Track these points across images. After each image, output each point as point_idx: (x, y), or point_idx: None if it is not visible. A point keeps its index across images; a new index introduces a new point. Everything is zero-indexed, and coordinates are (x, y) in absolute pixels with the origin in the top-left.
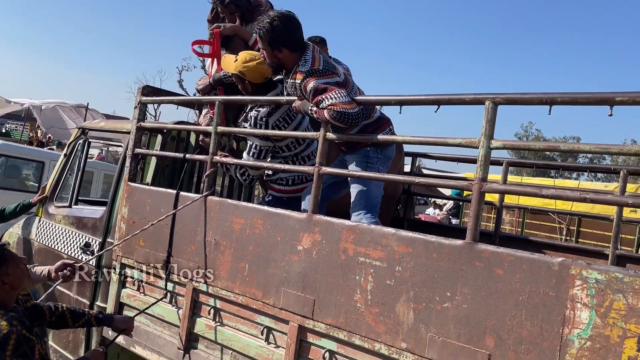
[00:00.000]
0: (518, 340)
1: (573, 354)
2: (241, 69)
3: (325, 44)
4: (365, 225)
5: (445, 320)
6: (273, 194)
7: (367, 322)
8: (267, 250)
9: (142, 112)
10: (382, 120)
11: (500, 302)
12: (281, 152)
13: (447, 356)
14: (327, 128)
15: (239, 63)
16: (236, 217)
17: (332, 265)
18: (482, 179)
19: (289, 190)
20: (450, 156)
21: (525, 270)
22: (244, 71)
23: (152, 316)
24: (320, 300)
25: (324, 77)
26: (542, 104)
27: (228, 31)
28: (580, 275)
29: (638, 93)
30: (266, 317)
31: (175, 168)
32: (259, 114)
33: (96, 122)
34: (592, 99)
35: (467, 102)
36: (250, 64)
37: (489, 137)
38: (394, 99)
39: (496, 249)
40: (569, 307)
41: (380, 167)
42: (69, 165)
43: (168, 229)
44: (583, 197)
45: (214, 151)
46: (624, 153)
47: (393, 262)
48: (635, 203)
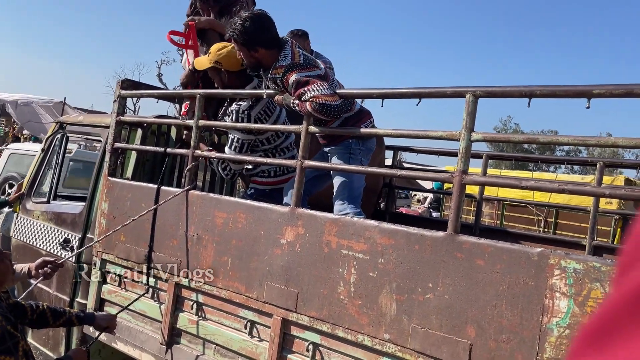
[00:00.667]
0: (499, 330)
1: (552, 342)
2: (216, 58)
3: (308, 37)
4: (348, 218)
5: (427, 310)
6: (255, 186)
7: (350, 314)
8: (250, 244)
9: (122, 105)
10: (363, 112)
11: (481, 293)
12: (261, 145)
13: (429, 346)
14: (310, 121)
15: (212, 54)
16: (218, 211)
17: (315, 258)
18: (462, 171)
19: (271, 182)
20: (432, 149)
21: (506, 261)
22: (219, 60)
23: (134, 312)
24: (303, 293)
25: (306, 70)
26: (521, 96)
27: (203, 24)
28: (559, 265)
29: (615, 86)
30: (249, 311)
31: (155, 162)
32: (241, 107)
33: (74, 116)
34: (570, 92)
35: (448, 95)
36: (223, 51)
37: (470, 130)
38: (376, 92)
39: (477, 240)
40: (548, 296)
41: (363, 158)
42: (46, 160)
43: (149, 224)
44: (562, 188)
45: (195, 145)
46: (601, 145)
47: (376, 254)
48: (612, 194)
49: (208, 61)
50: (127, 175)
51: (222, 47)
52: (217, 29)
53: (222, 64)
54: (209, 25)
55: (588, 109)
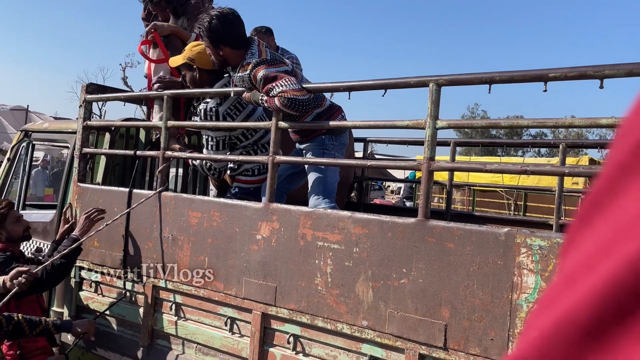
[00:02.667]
0: (471, 309)
1: (522, 317)
2: (189, 55)
3: (272, 34)
4: (322, 210)
5: (402, 295)
6: (240, 185)
7: (328, 304)
8: (226, 242)
9: (88, 110)
10: (334, 108)
11: (453, 274)
12: (239, 142)
13: (406, 330)
14: (279, 117)
15: (187, 50)
16: (192, 211)
17: (291, 251)
18: (430, 158)
19: (254, 180)
20: (400, 139)
21: (475, 242)
22: (193, 56)
23: (112, 317)
24: (281, 286)
25: (273, 66)
26: (482, 83)
27: (166, 31)
28: (525, 243)
29: (569, 69)
30: (229, 308)
31: (126, 166)
32: (208, 105)
33: (40, 124)
34: (527, 76)
35: (412, 85)
36: (196, 48)
37: (435, 118)
38: (343, 85)
39: (447, 224)
40: (516, 273)
41: (336, 153)
42: (13, 169)
43: (123, 228)
44: (524, 169)
45: (165, 146)
46: (558, 126)
47: (350, 244)
48: (571, 172)
49: (182, 57)
50: (97, 180)
51: (196, 44)
52: (179, 34)
53: (195, 61)
54: (171, 32)
55: (545, 92)
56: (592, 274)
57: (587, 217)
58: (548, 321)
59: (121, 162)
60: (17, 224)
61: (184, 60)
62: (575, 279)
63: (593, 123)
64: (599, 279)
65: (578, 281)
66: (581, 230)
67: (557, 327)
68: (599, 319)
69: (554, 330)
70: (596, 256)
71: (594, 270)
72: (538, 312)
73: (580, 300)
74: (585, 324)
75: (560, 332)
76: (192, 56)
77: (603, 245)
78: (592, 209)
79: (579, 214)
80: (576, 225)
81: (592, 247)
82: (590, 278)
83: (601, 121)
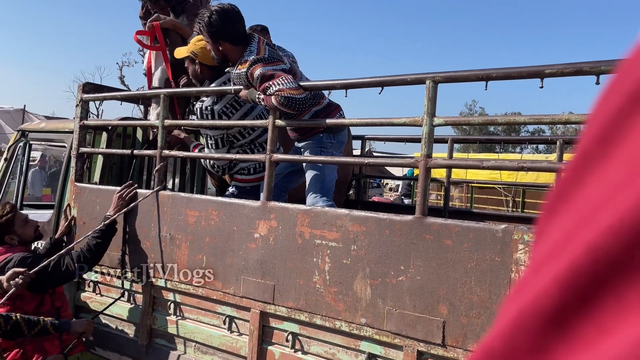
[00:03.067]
0: (469, 306)
1: None
2: (193, 49)
3: (268, 32)
4: (320, 208)
5: (400, 292)
6: (237, 184)
7: (326, 302)
8: (224, 241)
9: (85, 110)
10: (332, 106)
11: (451, 271)
12: (236, 140)
13: (404, 327)
14: (276, 115)
15: (191, 44)
16: (190, 210)
17: (289, 249)
18: (427, 155)
19: (251, 179)
20: (398, 137)
21: (472, 239)
22: (196, 51)
23: (111, 316)
24: (280, 285)
25: (271, 64)
26: (478, 80)
27: (167, 24)
28: (522, 240)
29: (565, 65)
30: (227, 307)
31: (123, 165)
32: (204, 104)
33: (36, 124)
34: (524, 73)
35: (409, 82)
36: (200, 43)
37: (432, 115)
38: (340, 83)
39: (444, 221)
40: (514, 270)
41: (334, 152)
42: (10, 169)
43: (121, 228)
44: (520, 166)
45: (162, 145)
46: (555, 122)
47: (348, 242)
48: None
49: (186, 50)
50: (95, 179)
51: (201, 39)
52: (180, 30)
53: (198, 56)
54: (172, 26)
55: (542, 88)
56: (555, 262)
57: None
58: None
59: (118, 161)
60: (27, 226)
61: (187, 54)
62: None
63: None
64: (561, 267)
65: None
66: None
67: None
68: (561, 306)
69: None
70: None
71: (557, 258)
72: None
73: (543, 288)
74: (548, 312)
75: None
76: (195, 51)
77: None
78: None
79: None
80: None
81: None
82: (553, 266)
83: None
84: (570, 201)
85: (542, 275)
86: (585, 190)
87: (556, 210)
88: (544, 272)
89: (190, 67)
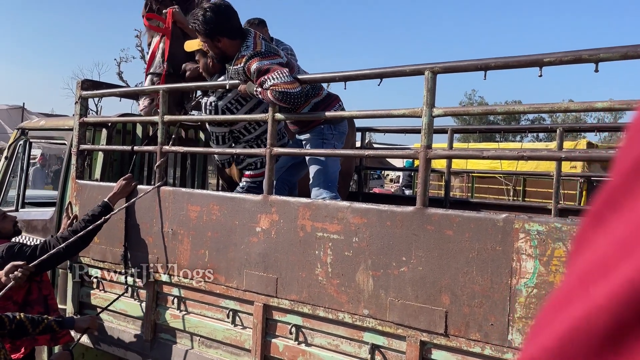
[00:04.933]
0: (471, 295)
1: (522, 302)
2: None
3: (265, 25)
4: (321, 201)
5: (402, 283)
6: (246, 180)
7: (329, 293)
8: (226, 235)
9: (84, 107)
10: (331, 97)
11: (453, 261)
12: (242, 136)
13: (407, 317)
14: (276, 109)
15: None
16: (191, 205)
17: (291, 242)
18: (427, 146)
19: (259, 173)
20: (397, 128)
21: (473, 229)
22: None
23: (114, 312)
24: (282, 278)
25: (267, 58)
26: (477, 69)
27: (181, 18)
28: (523, 229)
29: (564, 53)
30: (231, 300)
31: (123, 161)
32: (209, 99)
33: (36, 122)
34: (522, 62)
35: (408, 73)
36: None
37: (431, 106)
38: (339, 75)
39: (445, 211)
40: (515, 259)
41: (336, 142)
42: (11, 168)
43: (122, 223)
44: (520, 155)
45: (162, 141)
46: (555, 110)
47: (350, 234)
48: (568, 156)
49: (197, 44)
50: (96, 176)
51: None
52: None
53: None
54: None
55: (540, 77)
56: (610, 278)
57: (600, 215)
58: (564, 326)
59: (119, 157)
60: (5, 221)
61: (199, 47)
62: (590, 282)
63: (589, 107)
64: (617, 283)
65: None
66: (594, 228)
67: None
68: (618, 324)
69: (571, 335)
70: (613, 258)
71: (611, 274)
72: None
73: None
74: (604, 330)
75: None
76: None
77: (620, 246)
78: (607, 206)
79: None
80: (589, 223)
81: (607, 247)
82: (608, 281)
83: (597, 105)
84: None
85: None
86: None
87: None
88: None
89: (201, 60)
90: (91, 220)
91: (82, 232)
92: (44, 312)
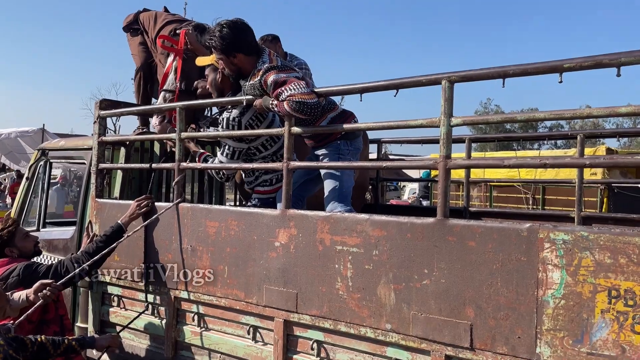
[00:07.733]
0: (496, 307)
1: (549, 314)
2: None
3: (279, 41)
4: (339, 214)
5: (425, 296)
6: (259, 197)
7: (350, 308)
8: (245, 250)
9: (102, 126)
10: (346, 113)
11: (476, 273)
12: (258, 152)
13: (431, 331)
14: (292, 122)
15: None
16: (210, 221)
17: (310, 257)
18: (446, 156)
19: (273, 190)
20: (414, 139)
21: (496, 240)
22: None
23: (135, 330)
24: (302, 292)
25: (284, 72)
26: (495, 77)
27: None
28: (548, 238)
29: (584, 58)
30: (251, 317)
31: (142, 179)
32: (231, 115)
33: (55, 142)
34: (541, 68)
35: (424, 83)
36: None
37: (449, 115)
38: (356, 87)
39: (467, 222)
40: (540, 269)
41: (352, 158)
42: (32, 188)
43: (142, 241)
44: (543, 163)
45: (180, 158)
46: (577, 117)
47: (370, 247)
48: (592, 163)
49: (210, 59)
50: (115, 194)
51: None
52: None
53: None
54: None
55: (561, 83)
56: None
57: None
58: None
59: (137, 175)
60: (27, 240)
61: (211, 62)
62: None
63: (612, 112)
64: None
65: None
66: None
67: None
68: None
69: None
70: None
71: None
72: None
73: None
74: None
75: None
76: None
77: None
78: None
79: None
80: None
81: None
82: None
83: (620, 110)
84: None
85: None
86: None
87: None
88: None
89: (210, 75)
90: (104, 241)
91: (96, 257)
92: (60, 332)
